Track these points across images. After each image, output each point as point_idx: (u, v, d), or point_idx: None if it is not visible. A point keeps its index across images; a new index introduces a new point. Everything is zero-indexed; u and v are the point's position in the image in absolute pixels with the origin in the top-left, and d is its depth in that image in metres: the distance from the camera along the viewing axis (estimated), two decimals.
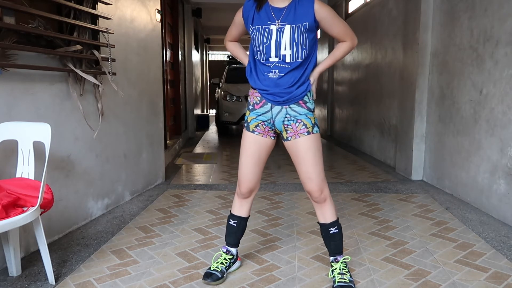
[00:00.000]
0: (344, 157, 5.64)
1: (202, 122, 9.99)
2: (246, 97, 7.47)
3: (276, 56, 1.84)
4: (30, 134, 2.02)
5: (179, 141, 6.36)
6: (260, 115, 1.94)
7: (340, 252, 2.00)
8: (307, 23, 1.80)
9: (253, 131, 1.96)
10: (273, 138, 1.99)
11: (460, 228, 2.71)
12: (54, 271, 2.01)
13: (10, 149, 2.11)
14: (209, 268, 2.04)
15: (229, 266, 2.08)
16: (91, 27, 2.69)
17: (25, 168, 2.03)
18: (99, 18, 2.81)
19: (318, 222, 2.02)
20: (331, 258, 2.00)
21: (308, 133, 1.88)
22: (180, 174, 4.49)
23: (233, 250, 2.12)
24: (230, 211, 2.13)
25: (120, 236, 2.60)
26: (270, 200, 3.43)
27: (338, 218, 2.00)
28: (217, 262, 2.05)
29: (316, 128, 1.91)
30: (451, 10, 3.53)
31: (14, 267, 2.04)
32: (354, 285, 1.91)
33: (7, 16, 2.13)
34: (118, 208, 3.17)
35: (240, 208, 2.09)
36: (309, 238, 2.57)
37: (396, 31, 4.67)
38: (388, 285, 1.97)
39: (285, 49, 1.82)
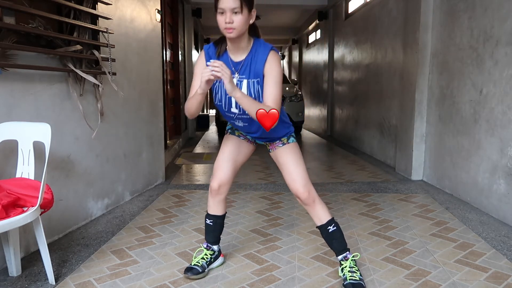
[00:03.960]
0: (344, 157, 5.64)
1: (202, 122, 10.00)
2: None
3: (236, 108, 1.87)
4: (30, 134, 2.02)
5: (179, 141, 6.36)
6: (242, 131, 2.05)
7: (345, 249, 2.01)
8: (259, 79, 1.81)
9: (238, 136, 2.10)
10: (255, 144, 2.14)
11: (460, 228, 2.71)
12: (54, 271, 2.01)
13: (10, 149, 2.10)
14: (190, 263, 2.09)
15: (211, 262, 2.12)
16: (91, 27, 2.69)
17: (25, 168, 2.03)
18: (99, 18, 2.81)
19: (316, 227, 2.03)
20: (340, 257, 2.00)
21: (283, 144, 2.01)
22: (180, 174, 4.49)
23: (214, 246, 2.16)
24: (207, 210, 2.16)
25: (120, 236, 2.60)
26: (270, 200, 3.43)
27: (333, 217, 2.01)
28: (197, 258, 2.10)
29: (292, 139, 2.03)
30: (451, 10, 3.53)
31: (14, 267, 2.04)
32: (364, 283, 1.92)
33: (7, 16, 2.13)
34: (118, 208, 3.17)
35: (213, 207, 2.12)
36: (309, 238, 2.57)
37: (396, 31, 4.67)
38: (388, 285, 1.97)
39: None
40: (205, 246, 2.15)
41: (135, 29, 3.42)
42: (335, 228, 1.98)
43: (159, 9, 3.96)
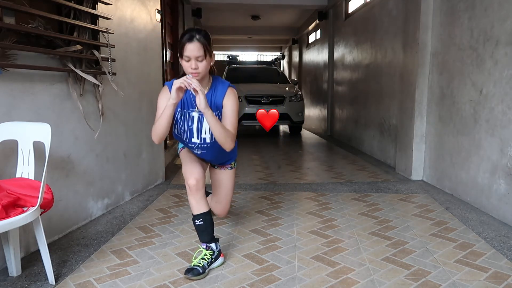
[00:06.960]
0: (344, 157, 5.64)
1: None
2: (246, 97, 7.46)
3: (197, 138, 2.14)
4: (30, 134, 2.03)
5: None
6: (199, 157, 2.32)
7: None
8: (219, 111, 2.09)
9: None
10: (206, 164, 2.40)
11: (460, 228, 2.71)
12: (54, 271, 2.01)
13: (10, 149, 2.11)
14: (190, 264, 2.09)
15: (211, 262, 2.12)
16: (91, 27, 2.69)
17: (25, 168, 2.03)
18: (99, 18, 2.81)
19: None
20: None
21: (231, 168, 2.45)
22: (180, 174, 4.48)
23: (212, 245, 2.16)
24: (192, 214, 2.17)
25: (120, 236, 2.60)
26: (270, 200, 3.43)
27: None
28: (197, 259, 2.10)
29: (235, 164, 2.47)
30: (451, 10, 3.53)
31: (14, 267, 2.04)
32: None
33: (7, 16, 2.13)
34: (118, 208, 3.17)
35: (197, 205, 2.15)
36: (309, 238, 2.57)
37: (396, 31, 4.67)
38: (388, 285, 1.97)
39: (205, 133, 2.12)
40: (203, 246, 2.15)
41: (135, 29, 3.42)
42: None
43: (159, 9, 3.96)
